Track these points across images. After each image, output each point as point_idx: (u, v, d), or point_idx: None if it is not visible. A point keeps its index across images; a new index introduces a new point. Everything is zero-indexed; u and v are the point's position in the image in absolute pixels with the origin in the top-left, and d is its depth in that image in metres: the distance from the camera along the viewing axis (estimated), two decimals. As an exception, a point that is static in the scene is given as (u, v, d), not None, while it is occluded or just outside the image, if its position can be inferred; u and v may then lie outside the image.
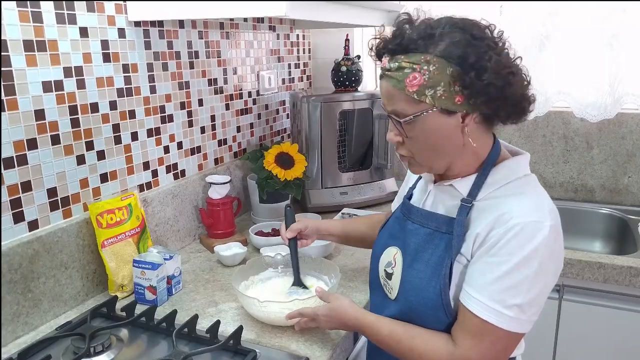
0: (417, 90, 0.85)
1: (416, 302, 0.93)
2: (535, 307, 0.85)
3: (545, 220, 0.83)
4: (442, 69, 0.83)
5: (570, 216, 1.99)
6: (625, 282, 1.52)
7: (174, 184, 1.54)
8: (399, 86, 0.86)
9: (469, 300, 0.86)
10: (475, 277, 0.86)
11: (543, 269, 0.83)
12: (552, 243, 0.84)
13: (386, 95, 0.91)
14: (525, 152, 0.97)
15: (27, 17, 1.08)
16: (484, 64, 0.82)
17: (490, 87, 0.83)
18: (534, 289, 0.83)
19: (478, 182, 0.92)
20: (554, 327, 1.65)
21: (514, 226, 0.83)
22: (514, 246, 0.83)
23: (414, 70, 0.85)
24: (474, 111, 0.87)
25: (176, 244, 1.55)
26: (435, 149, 0.91)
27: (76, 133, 1.22)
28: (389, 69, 0.88)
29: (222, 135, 1.76)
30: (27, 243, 1.10)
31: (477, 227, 0.88)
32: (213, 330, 1.05)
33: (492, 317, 0.84)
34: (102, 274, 1.28)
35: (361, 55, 2.13)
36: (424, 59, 0.84)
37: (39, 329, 1.14)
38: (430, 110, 0.86)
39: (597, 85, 1.90)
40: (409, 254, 0.97)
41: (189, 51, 1.56)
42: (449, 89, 0.84)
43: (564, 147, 2.07)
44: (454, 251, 0.89)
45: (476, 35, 0.84)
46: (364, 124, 1.96)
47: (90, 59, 1.23)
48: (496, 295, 0.84)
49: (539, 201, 0.87)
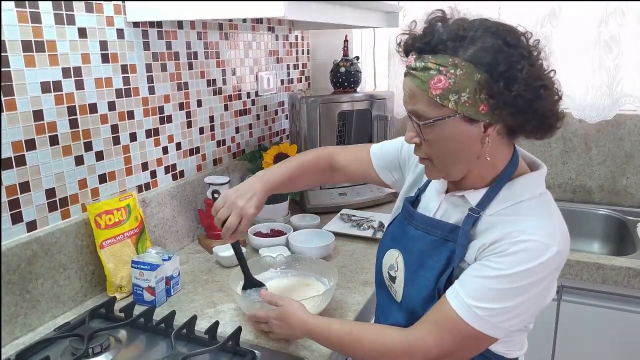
0: (441, 94, 0.81)
1: (421, 309, 0.93)
2: (507, 315, 0.83)
3: (554, 245, 0.81)
4: (469, 74, 0.79)
5: (569, 217, 1.96)
6: (624, 282, 1.53)
7: (172, 185, 1.54)
8: (423, 87, 0.83)
9: (449, 291, 0.86)
10: (465, 274, 0.86)
11: (533, 287, 0.82)
12: (552, 267, 0.82)
13: (408, 94, 0.87)
14: (543, 166, 0.94)
15: (25, 17, 1.08)
16: (515, 74, 0.78)
17: (518, 99, 0.78)
18: (513, 301, 0.82)
19: (490, 194, 0.89)
20: (553, 328, 1.65)
21: (520, 242, 0.81)
22: (514, 260, 0.81)
23: (439, 73, 0.81)
24: (497, 122, 0.82)
25: (175, 245, 1.55)
26: (452, 156, 0.87)
27: (75, 134, 1.22)
28: (414, 68, 0.84)
29: (221, 136, 1.76)
30: (26, 244, 1.10)
31: (484, 239, 0.86)
32: (212, 331, 1.05)
33: (461, 309, 0.83)
34: (100, 274, 1.27)
35: (360, 56, 2.14)
36: (451, 62, 0.80)
37: (37, 330, 1.14)
38: (452, 116, 0.82)
39: (595, 86, 1.90)
40: (413, 260, 0.96)
41: (188, 52, 1.56)
42: (474, 96, 0.80)
43: (563, 148, 2.07)
44: (456, 260, 0.89)
45: (510, 43, 0.80)
46: (362, 125, 1.96)
47: (88, 59, 1.23)
48: (474, 293, 0.83)
49: (553, 224, 0.85)
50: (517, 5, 1.93)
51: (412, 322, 0.94)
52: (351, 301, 1.25)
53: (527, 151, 0.98)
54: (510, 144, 0.90)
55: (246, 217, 1.07)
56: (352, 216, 1.76)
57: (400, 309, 0.99)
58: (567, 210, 2.02)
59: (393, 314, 1.01)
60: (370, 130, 1.94)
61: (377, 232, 1.64)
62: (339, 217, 1.77)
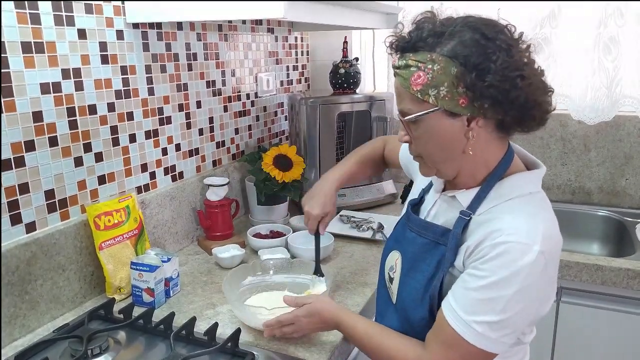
0: (421, 90, 0.83)
1: (411, 313, 0.93)
2: (507, 329, 0.82)
3: (535, 245, 0.79)
4: (446, 68, 0.81)
5: (568, 218, 1.99)
6: (623, 284, 1.53)
7: (172, 186, 1.54)
8: (405, 84, 0.85)
9: (445, 306, 0.86)
10: (457, 286, 0.86)
11: (524, 293, 0.80)
12: (538, 269, 0.80)
13: (396, 93, 0.90)
14: (541, 166, 0.93)
15: (25, 18, 1.08)
16: (488, 65, 0.79)
17: (492, 89, 0.79)
18: (508, 312, 0.80)
19: (480, 194, 0.89)
20: (552, 330, 1.65)
21: (500, 244, 0.80)
22: (496, 264, 0.80)
23: (418, 69, 0.83)
24: (478, 115, 0.83)
25: (174, 246, 1.55)
26: (439, 151, 0.88)
27: (74, 135, 1.22)
28: (398, 67, 0.87)
29: (221, 137, 1.76)
30: (25, 245, 1.10)
31: (470, 240, 0.86)
32: (211, 332, 1.05)
33: (460, 327, 0.83)
34: (99, 276, 1.27)
35: (359, 57, 2.14)
36: (429, 58, 0.82)
37: (36, 331, 1.13)
38: (433, 111, 0.84)
39: (594, 87, 1.90)
40: (407, 261, 0.97)
41: (187, 53, 1.56)
42: (452, 90, 0.81)
43: (562, 150, 2.07)
44: (446, 264, 0.88)
45: (487, 35, 0.81)
46: (362, 126, 1.96)
47: (88, 60, 1.23)
48: (469, 308, 0.82)
49: (535, 224, 0.82)
50: (516, 7, 1.93)
51: (404, 324, 0.95)
52: (350, 302, 1.25)
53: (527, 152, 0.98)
54: (503, 141, 0.90)
55: (311, 217, 1.24)
56: (351, 217, 1.76)
57: (394, 311, 1.00)
58: (566, 211, 2.02)
59: (388, 315, 1.02)
60: (369, 131, 1.94)
61: (376, 233, 1.64)
62: (339, 219, 1.77)
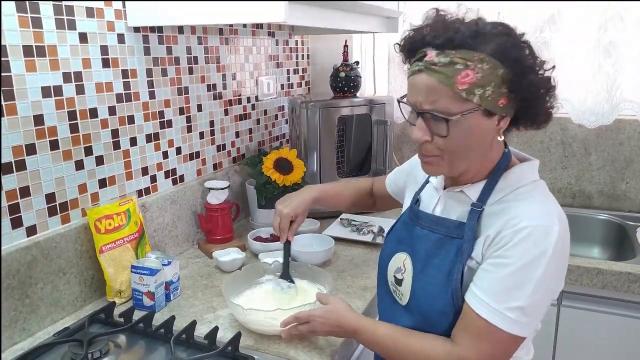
0: (467, 89, 0.82)
1: (429, 309, 0.93)
2: (537, 311, 0.85)
3: (554, 225, 0.84)
4: (494, 69, 0.82)
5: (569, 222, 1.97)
6: (624, 288, 1.52)
7: (172, 190, 1.54)
8: (447, 82, 0.82)
9: (473, 299, 0.87)
10: (482, 277, 0.87)
11: (548, 273, 0.83)
12: (559, 248, 0.84)
13: (426, 90, 0.85)
14: (534, 159, 0.97)
15: (26, 22, 1.08)
16: (529, 65, 0.84)
17: (532, 87, 0.84)
18: (538, 293, 0.83)
19: (488, 186, 0.92)
20: (553, 333, 1.64)
21: (522, 229, 0.83)
22: (522, 249, 0.83)
23: (467, 67, 0.81)
24: (509, 114, 0.87)
25: (174, 250, 1.55)
26: (468, 150, 0.89)
27: (75, 138, 1.22)
28: (435, 63, 0.83)
29: (221, 141, 1.77)
30: (25, 249, 1.10)
31: (488, 230, 0.88)
32: (211, 336, 1.05)
33: (493, 317, 0.84)
34: (100, 279, 1.27)
35: (360, 61, 2.14)
36: (477, 57, 0.82)
37: (36, 335, 1.13)
38: (474, 110, 0.84)
39: (595, 91, 1.91)
40: (419, 260, 0.97)
41: (188, 57, 1.56)
42: (497, 90, 0.83)
43: (562, 153, 2.07)
44: (464, 255, 0.89)
45: (519, 37, 0.86)
46: (362, 130, 1.96)
47: (89, 64, 1.23)
48: (499, 296, 0.84)
49: (548, 206, 0.88)
50: (516, 10, 1.93)
51: (419, 323, 0.94)
52: (351, 306, 1.25)
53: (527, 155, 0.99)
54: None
55: (282, 216, 1.23)
56: (351, 221, 1.76)
57: (405, 311, 0.99)
58: (567, 215, 1.99)
59: (396, 317, 1.01)
60: (370, 135, 1.94)
61: (376, 236, 1.64)
62: (339, 222, 1.77)
